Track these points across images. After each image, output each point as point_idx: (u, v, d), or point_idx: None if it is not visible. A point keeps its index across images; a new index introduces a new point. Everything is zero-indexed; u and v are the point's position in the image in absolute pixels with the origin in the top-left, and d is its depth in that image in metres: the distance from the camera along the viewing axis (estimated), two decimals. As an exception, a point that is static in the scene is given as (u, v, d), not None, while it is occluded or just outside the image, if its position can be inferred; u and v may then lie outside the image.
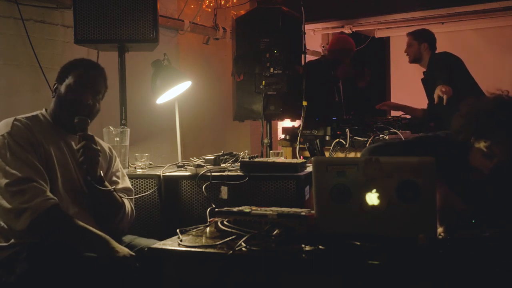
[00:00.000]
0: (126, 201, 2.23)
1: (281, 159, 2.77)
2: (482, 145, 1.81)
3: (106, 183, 2.16)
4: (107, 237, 1.95)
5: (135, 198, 2.40)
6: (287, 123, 4.30)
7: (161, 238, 1.77)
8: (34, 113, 2.15)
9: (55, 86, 2.18)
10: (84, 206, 2.10)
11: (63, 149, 2.10)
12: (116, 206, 2.17)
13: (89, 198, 2.12)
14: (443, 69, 4.06)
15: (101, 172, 2.14)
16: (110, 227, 2.15)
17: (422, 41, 4.27)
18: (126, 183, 2.33)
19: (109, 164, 2.28)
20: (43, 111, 2.18)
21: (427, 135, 2.37)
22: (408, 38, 4.34)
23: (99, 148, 2.14)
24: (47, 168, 2.00)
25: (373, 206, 1.57)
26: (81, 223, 1.95)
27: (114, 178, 2.28)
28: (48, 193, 1.91)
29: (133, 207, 2.29)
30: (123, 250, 1.93)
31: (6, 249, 1.89)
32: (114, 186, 2.19)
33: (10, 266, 1.84)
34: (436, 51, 4.29)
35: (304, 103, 3.54)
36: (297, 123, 3.98)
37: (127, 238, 2.21)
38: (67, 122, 2.13)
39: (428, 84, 4.30)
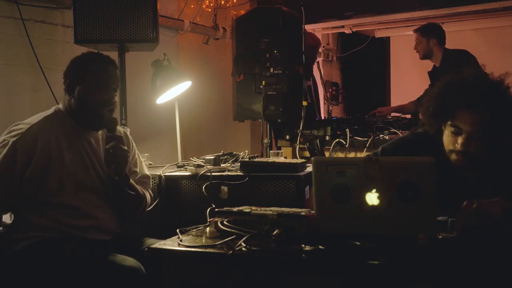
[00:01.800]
0: (146, 193, 2.28)
1: (281, 159, 2.77)
2: (448, 125, 1.89)
3: (131, 181, 2.18)
4: None
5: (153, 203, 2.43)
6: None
7: (161, 238, 1.77)
8: (51, 111, 2.13)
9: (70, 84, 2.11)
10: (105, 201, 2.14)
11: (80, 149, 2.10)
12: (138, 202, 2.22)
13: (110, 194, 2.15)
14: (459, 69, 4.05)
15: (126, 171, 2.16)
16: (131, 219, 2.27)
17: (430, 37, 4.24)
18: (144, 170, 2.35)
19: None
20: (61, 106, 2.15)
21: (409, 135, 2.33)
22: (416, 35, 4.31)
23: (127, 149, 2.15)
24: (53, 172, 2.00)
25: (373, 206, 1.56)
26: None
27: (134, 169, 2.29)
28: None
29: (151, 193, 2.35)
30: None
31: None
32: (139, 192, 2.21)
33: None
34: (446, 46, 4.27)
35: (304, 103, 3.54)
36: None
37: (148, 241, 2.17)
38: (90, 121, 2.12)
39: (438, 78, 4.29)
